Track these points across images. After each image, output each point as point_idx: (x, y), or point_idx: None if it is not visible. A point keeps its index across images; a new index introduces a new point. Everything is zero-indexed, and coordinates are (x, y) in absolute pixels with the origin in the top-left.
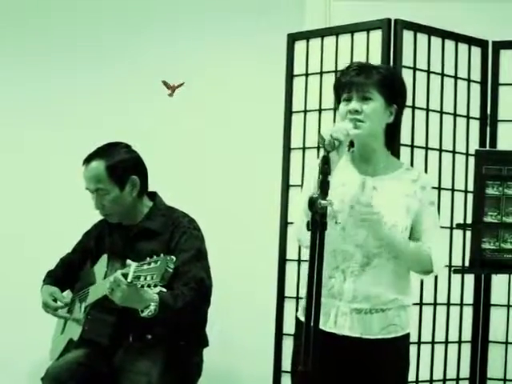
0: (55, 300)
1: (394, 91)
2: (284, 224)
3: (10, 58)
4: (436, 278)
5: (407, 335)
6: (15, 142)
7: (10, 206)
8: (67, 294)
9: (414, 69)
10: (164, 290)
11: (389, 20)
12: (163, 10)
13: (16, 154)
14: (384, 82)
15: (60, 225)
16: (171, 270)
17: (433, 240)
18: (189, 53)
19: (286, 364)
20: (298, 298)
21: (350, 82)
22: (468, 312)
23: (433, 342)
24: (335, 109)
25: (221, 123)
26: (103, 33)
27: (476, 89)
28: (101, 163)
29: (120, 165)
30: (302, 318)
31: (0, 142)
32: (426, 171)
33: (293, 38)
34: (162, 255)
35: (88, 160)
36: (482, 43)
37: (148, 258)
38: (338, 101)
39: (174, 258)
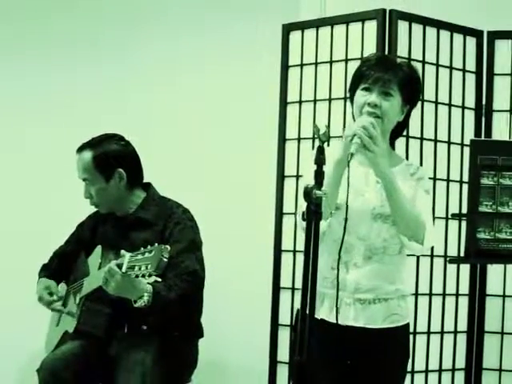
0: (51, 294)
1: (412, 92)
2: (279, 215)
3: (9, 56)
4: (431, 268)
5: (407, 325)
6: (15, 140)
7: (11, 203)
8: (62, 287)
9: (409, 59)
10: (159, 279)
11: (384, 10)
12: (161, 4)
13: (16, 153)
14: (406, 81)
15: (61, 222)
16: (166, 260)
17: (428, 223)
18: (184, 43)
19: (282, 354)
20: (293, 289)
21: (376, 75)
22: (463, 302)
23: (428, 333)
24: (330, 99)
25: (216, 114)
26: (103, 30)
27: (471, 79)
28: (89, 153)
29: (107, 156)
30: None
31: (0, 140)
32: (421, 162)
33: (288, 29)
34: (156, 244)
35: (80, 149)
36: (476, 33)
37: (142, 248)
38: (352, 90)
39: (168, 247)
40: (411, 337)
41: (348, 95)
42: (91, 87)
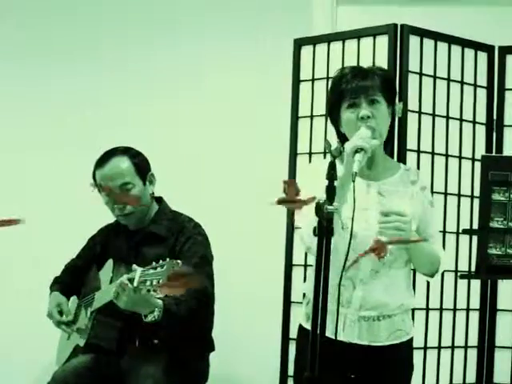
0: (61, 312)
1: (393, 93)
2: (290, 229)
3: (10, 62)
4: (442, 283)
5: (411, 339)
6: (15, 143)
7: (11, 206)
8: (74, 300)
9: (421, 74)
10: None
11: (395, 25)
12: (165, 13)
13: (17, 156)
14: (385, 84)
15: (61, 227)
16: None
17: (439, 242)
18: (189, 55)
19: (293, 369)
20: None
21: (357, 87)
22: (474, 317)
23: (439, 347)
24: (327, 115)
25: (227, 128)
26: (103, 36)
27: (482, 94)
28: (124, 158)
29: (142, 159)
30: (304, 324)
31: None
32: (432, 176)
33: (299, 44)
34: (167, 259)
35: (105, 160)
36: (488, 48)
37: (154, 263)
38: (334, 107)
39: (179, 262)
40: (422, 351)
41: (329, 114)
42: (91, 93)
